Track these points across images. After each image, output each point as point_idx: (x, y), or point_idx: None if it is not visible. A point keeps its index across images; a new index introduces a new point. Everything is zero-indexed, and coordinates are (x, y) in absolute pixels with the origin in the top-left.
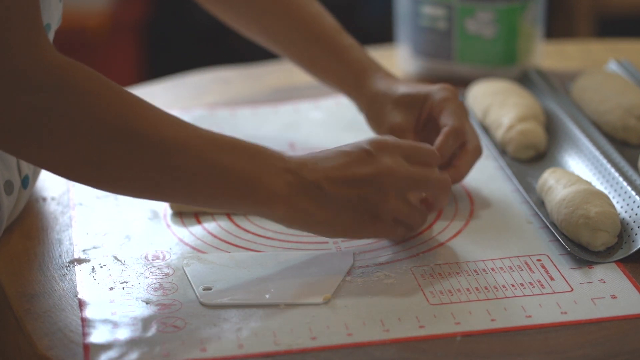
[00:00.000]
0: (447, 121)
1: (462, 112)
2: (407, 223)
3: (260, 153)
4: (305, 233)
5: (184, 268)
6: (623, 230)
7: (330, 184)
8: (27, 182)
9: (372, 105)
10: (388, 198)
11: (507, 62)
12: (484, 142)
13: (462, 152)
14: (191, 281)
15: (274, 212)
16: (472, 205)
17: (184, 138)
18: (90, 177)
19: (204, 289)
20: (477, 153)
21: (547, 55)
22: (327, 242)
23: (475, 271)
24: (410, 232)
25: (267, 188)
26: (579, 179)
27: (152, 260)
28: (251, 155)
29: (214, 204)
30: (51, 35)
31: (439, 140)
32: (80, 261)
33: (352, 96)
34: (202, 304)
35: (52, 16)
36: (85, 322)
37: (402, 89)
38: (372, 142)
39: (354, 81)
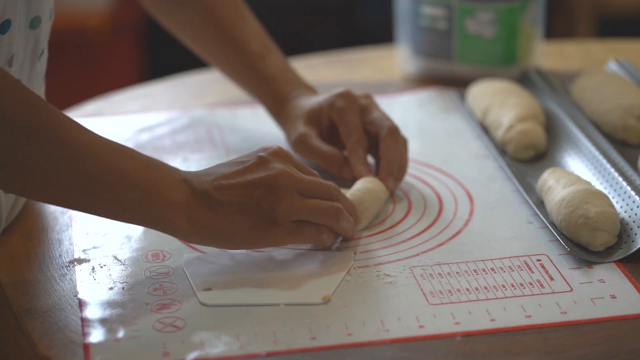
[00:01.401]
0: (347, 136)
1: (364, 106)
2: (314, 223)
3: (157, 165)
4: None
5: (184, 268)
6: (622, 230)
7: (217, 190)
8: None
9: (288, 128)
10: (281, 198)
11: (507, 62)
12: (484, 142)
13: (380, 140)
14: (191, 282)
15: (173, 222)
16: (472, 205)
17: (86, 142)
18: None
19: (204, 290)
20: (393, 132)
21: (547, 55)
22: None
23: (475, 271)
24: (342, 232)
25: (165, 198)
26: (578, 179)
27: (152, 260)
28: (149, 166)
29: (113, 213)
30: (44, 30)
31: (350, 158)
32: (80, 261)
33: (277, 122)
34: (202, 304)
35: (42, 9)
36: (85, 322)
37: (307, 106)
38: (266, 149)
39: (276, 111)
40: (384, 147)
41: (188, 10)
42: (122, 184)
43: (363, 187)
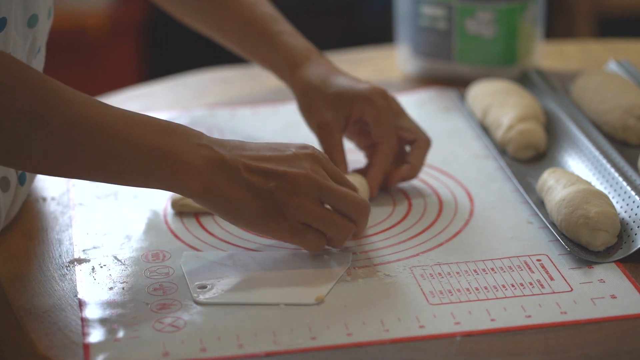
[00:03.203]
0: (383, 138)
1: (397, 111)
2: (319, 231)
3: (175, 129)
4: None
5: (182, 266)
6: (623, 230)
7: (246, 168)
8: (24, 178)
9: (304, 97)
10: (296, 199)
11: (507, 62)
12: (484, 142)
13: (413, 148)
14: (187, 279)
15: (188, 185)
16: (472, 205)
17: (94, 115)
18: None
19: (199, 287)
20: (427, 145)
21: (547, 55)
22: None
23: (475, 271)
24: (332, 244)
25: (180, 160)
26: (578, 179)
27: (152, 260)
28: (164, 130)
29: (127, 180)
30: (41, 28)
31: (377, 159)
32: (80, 261)
33: (287, 84)
34: (195, 302)
35: (39, 7)
36: (85, 322)
37: (335, 87)
38: (302, 147)
39: (287, 69)
40: (416, 156)
41: None
42: (133, 152)
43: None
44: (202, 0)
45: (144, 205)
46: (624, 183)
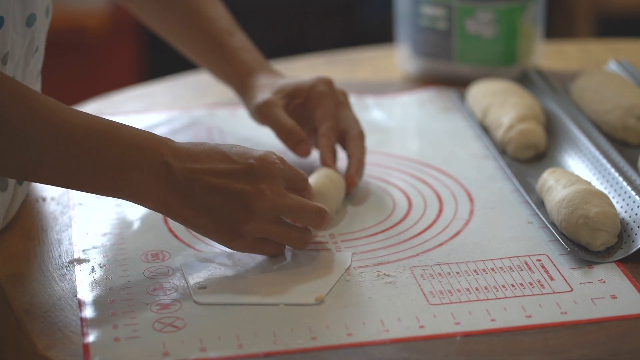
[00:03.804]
0: (323, 119)
1: (341, 102)
2: (277, 242)
3: (138, 146)
4: None
5: (181, 266)
6: (623, 230)
7: (198, 183)
8: None
9: (251, 97)
10: (251, 218)
11: (506, 62)
12: (484, 142)
13: (348, 140)
14: (187, 279)
15: (141, 202)
16: (472, 205)
17: (67, 126)
18: None
19: (199, 288)
20: (361, 136)
21: (547, 55)
22: (327, 242)
23: (475, 271)
24: (294, 248)
25: (136, 184)
26: (578, 179)
27: (152, 260)
28: (127, 150)
29: (86, 191)
30: (39, 27)
31: (321, 141)
32: (80, 261)
33: (237, 93)
34: (195, 302)
35: (37, 6)
36: (85, 322)
37: (280, 82)
38: (260, 159)
39: (239, 82)
40: (354, 146)
41: None
42: (91, 169)
43: (329, 177)
44: (164, 9)
45: None
46: (624, 183)
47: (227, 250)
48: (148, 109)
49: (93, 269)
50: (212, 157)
